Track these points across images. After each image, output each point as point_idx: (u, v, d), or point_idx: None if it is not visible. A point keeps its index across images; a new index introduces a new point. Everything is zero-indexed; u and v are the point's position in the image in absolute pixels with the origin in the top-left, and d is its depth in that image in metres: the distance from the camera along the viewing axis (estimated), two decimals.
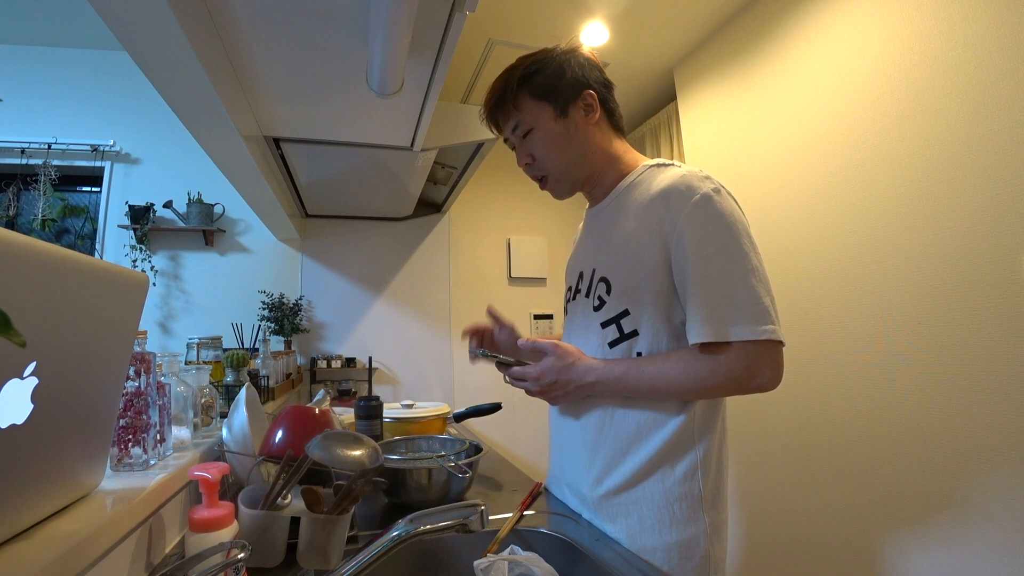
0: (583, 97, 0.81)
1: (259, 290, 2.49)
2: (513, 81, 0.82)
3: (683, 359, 0.70)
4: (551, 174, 0.85)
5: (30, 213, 2.28)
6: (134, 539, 0.58)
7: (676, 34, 2.07)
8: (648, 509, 0.73)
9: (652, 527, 0.73)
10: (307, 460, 0.63)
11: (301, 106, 1.38)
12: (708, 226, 0.69)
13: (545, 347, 0.79)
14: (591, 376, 0.76)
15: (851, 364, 1.45)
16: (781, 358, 0.69)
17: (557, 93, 0.80)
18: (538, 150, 0.83)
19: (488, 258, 2.97)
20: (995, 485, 1.11)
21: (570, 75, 0.81)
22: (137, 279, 0.57)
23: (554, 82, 0.81)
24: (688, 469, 0.73)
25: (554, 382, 0.78)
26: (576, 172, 0.84)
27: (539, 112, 0.81)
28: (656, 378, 0.71)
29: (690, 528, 0.72)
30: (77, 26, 2.33)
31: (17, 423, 0.41)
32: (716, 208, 0.70)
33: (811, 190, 1.61)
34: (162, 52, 0.93)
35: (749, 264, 0.69)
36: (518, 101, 0.82)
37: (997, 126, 1.13)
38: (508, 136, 0.87)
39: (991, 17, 1.14)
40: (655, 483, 0.73)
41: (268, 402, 1.62)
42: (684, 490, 0.73)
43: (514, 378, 0.82)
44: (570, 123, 0.81)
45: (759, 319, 0.66)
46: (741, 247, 0.69)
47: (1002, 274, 1.11)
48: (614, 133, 0.86)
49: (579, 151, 0.82)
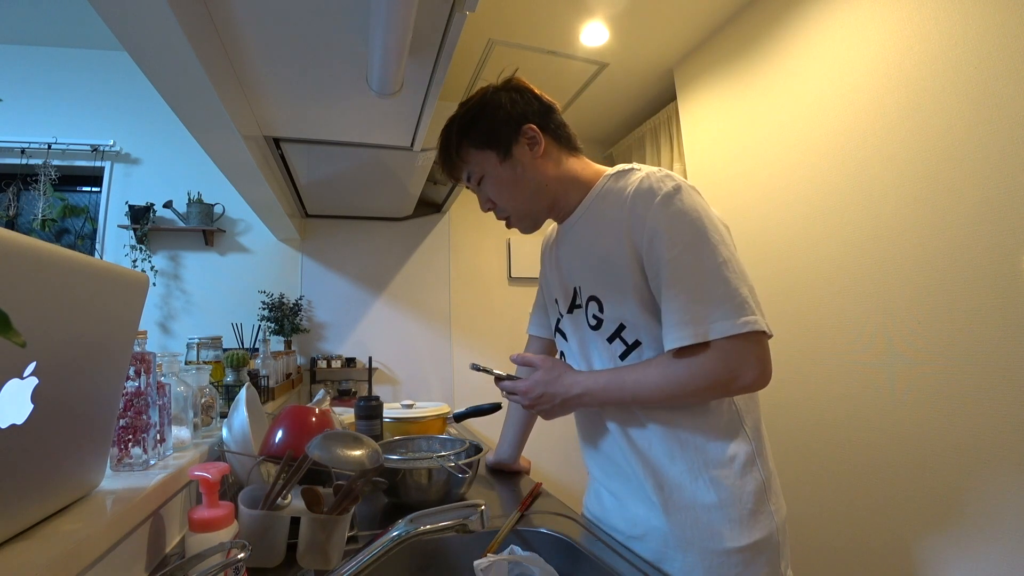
0: (523, 133, 0.79)
1: (259, 290, 2.49)
2: (452, 135, 0.82)
3: (661, 365, 0.69)
4: (512, 214, 0.85)
5: (30, 213, 2.28)
6: (134, 539, 0.58)
7: (676, 34, 2.07)
8: (719, 511, 0.70)
9: (722, 530, 0.69)
10: (307, 460, 0.63)
11: (301, 106, 1.38)
12: (673, 226, 0.68)
13: (534, 361, 0.81)
14: (577, 388, 0.76)
15: (851, 364, 1.45)
16: (766, 352, 0.66)
17: (496, 137, 0.79)
18: (493, 194, 0.83)
19: (488, 258, 2.97)
20: (996, 485, 1.11)
21: (503, 116, 0.79)
22: (137, 279, 0.57)
23: (491, 127, 0.80)
24: (746, 459, 0.71)
25: (542, 395, 0.78)
26: (535, 207, 0.84)
27: (484, 160, 0.81)
28: (637, 386, 0.71)
29: (761, 523, 0.70)
30: (77, 26, 2.33)
31: (17, 423, 0.41)
32: (677, 206, 0.69)
33: (811, 190, 1.61)
34: (162, 52, 0.93)
35: (719, 257, 0.66)
36: (462, 153, 0.82)
37: (997, 126, 1.13)
38: (467, 184, 0.87)
39: (991, 17, 1.14)
40: (720, 485, 0.70)
41: (268, 402, 1.62)
42: (747, 482, 0.70)
43: (506, 391, 0.84)
44: (516, 163, 0.80)
45: (737, 311, 0.64)
46: (708, 241, 0.67)
47: (1002, 274, 1.11)
48: (566, 154, 0.83)
49: (532, 187, 0.81)
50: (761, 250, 1.78)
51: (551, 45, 2.08)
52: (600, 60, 2.22)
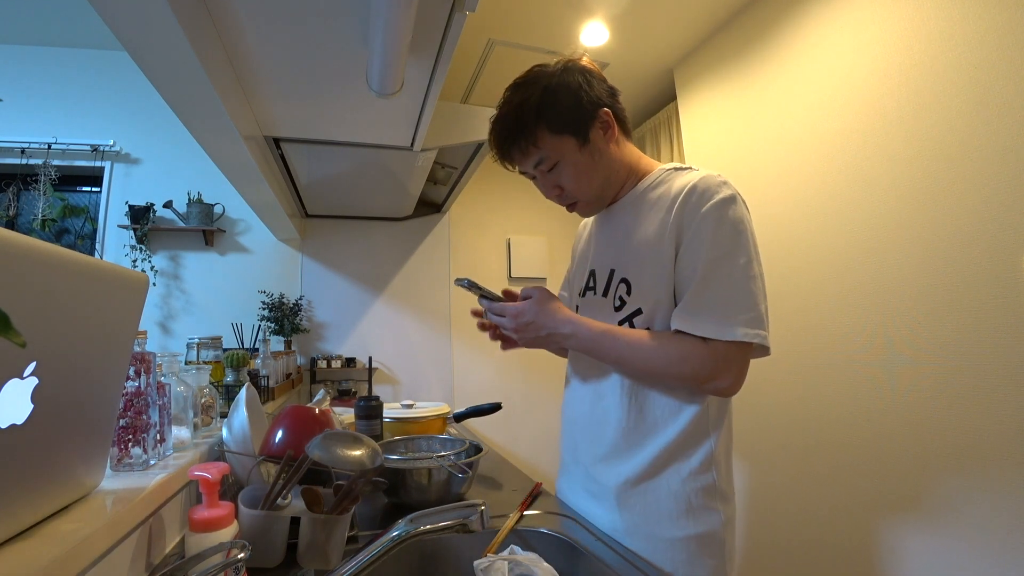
0: (599, 117, 0.78)
1: (259, 290, 2.49)
2: (528, 118, 0.77)
3: (661, 340, 0.72)
4: (582, 199, 0.83)
5: (30, 213, 2.28)
6: (134, 539, 0.58)
7: (676, 34, 2.07)
8: (666, 499, 0.74)
9: (670, 518, 0.74)
10: (307, 460, 0.63)
11: (301, 106, 1.38)
12: (720, 229, 0.71)
13: (532, 291, 0.82)
14: (567, 327, 0.77)
15: (851, 364, 1.45)
16: (747, 365, 0.71)
17: (576, 123, 0.77)
18: (566, 181, 0.81)
19: (488, 258, 2.97)
20: (996, 485, 1.11)
21: (585, 100, 0.77)
22: (137, 279, 0.57)
23: (572, 112, 0.77)
24: (704, 460, 0.74)
25: (530, 322, 0.79)
26: (607, 192, 0.84)
27: (562, 146, 0.78)
28: (627, 349, 0.74)
29: (707, 518, 0.73)
30: (77, 26, 2.33)
31: (17, 423, 0.41)
32: (731, 214, 0.72)
33: (811, 190, 1.61)
34: (162, 52, 0.93)
35: (752, 271, 0.71)
36: (537, 138, 0.77)
37: (997, 126, 1.13)
38: (527, 171, 0.83)
39: (991, 17, 1.14)
40: (672, 474, 0.74)
41: (268, 402, 1.62)
42: (700, 482, 0.74)
43: (493, 312, 0.84)
44: (594, 149, 0.79)
45: (755, 323, 0.69)
46: (747, 254, 0.71)
47: (1002, 274, 1.11)
48: (627, 140, 0.84)
49: (606, 172, 0.81)
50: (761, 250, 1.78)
51: (551, 45, 2.08)
52: (600, 60, 2.22)
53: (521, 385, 2.88)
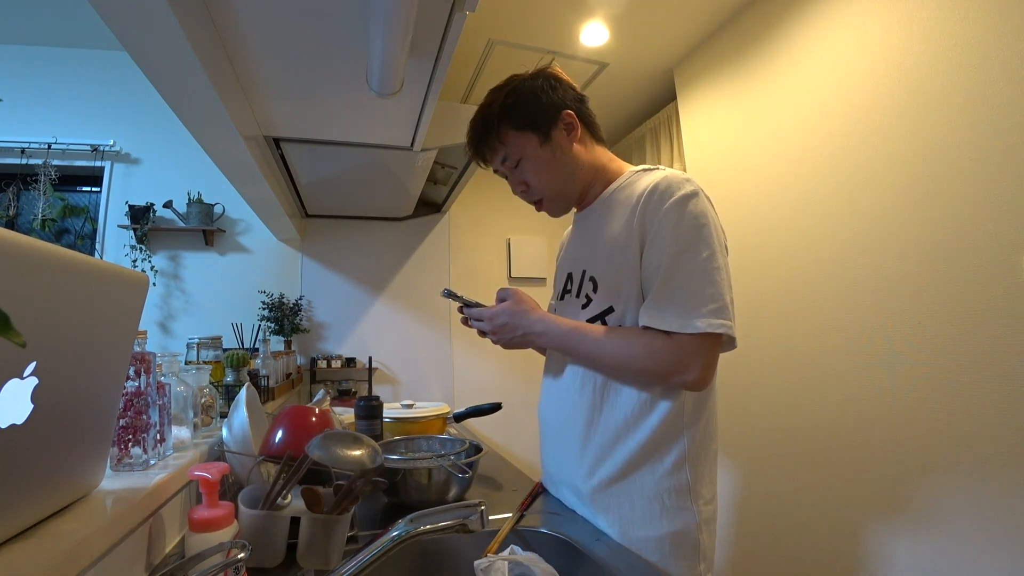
0: (562, 118, 0.84)
1: (259, 290, 2.49)
2: (493, 117, 0.84)
3: (626, 335, 0.74)
4: (545, 196, 0.88)
5: (30, 213, 2.28)
6: (134, 539, 0.58)
7: (676, 34, 2.07)
8: (639, 500, 0.75)
9: (644, 518, 0.75)
10: (307, 460, 0.63)
11: (301, 106, 1.38)
12: (682, 225, 0.73)
13: (507, 294, 0.86)
14: (539, 326, 0.81)
15: (851, 364, 1.45)
16: (715, 358, 0.72)
17: (537, 120, 0.83)
18: (530, 177, 0.86)
19: (488, 258, 2.97)
20: (996, 485, 1.11)
21: (545, 100, 0.83)
22: (137, 279, 0.57)
23: (532, 110, 0.83)
24: (677, 459, 0.75)
25: (505, 324, 0.83)
26: (568, 190, 0.88)
27: (524, 142, 0.84)
28: (594, 346, 0.76)
29: (680, 518, 0.74)
30: (77, 26, 2.33)
31: (17, 423, 0.41)
32: (691, 209, 0.73)
33: (811, 190, 1.61)
34: (162, 52, 0.93)
35: (715, 262, 0.72)
36: (501, 135, 0.84)
37: (997, 126, 1.13)
38: (498, 168, 0.90)
39: (991, 17, 1.14)
40: (645, 474, 0.75)
41: (268, 402, 1.62)
42: (674, 481, 0.74)
43: (471, 318, 0.89)
44: (555, 146, 0.84)
45: (718, 314, 0.70)
46: (710, 246, 0.72)
47: (1002, 274, 1.11)
48: (596, 144, 0.89)
49: (568, 170, 0.85)
50: (761, 250, 1.78)
51: (551, 45, 2.08)
52: (600, 60, 2.22)
53: (521, 385, 2.88)
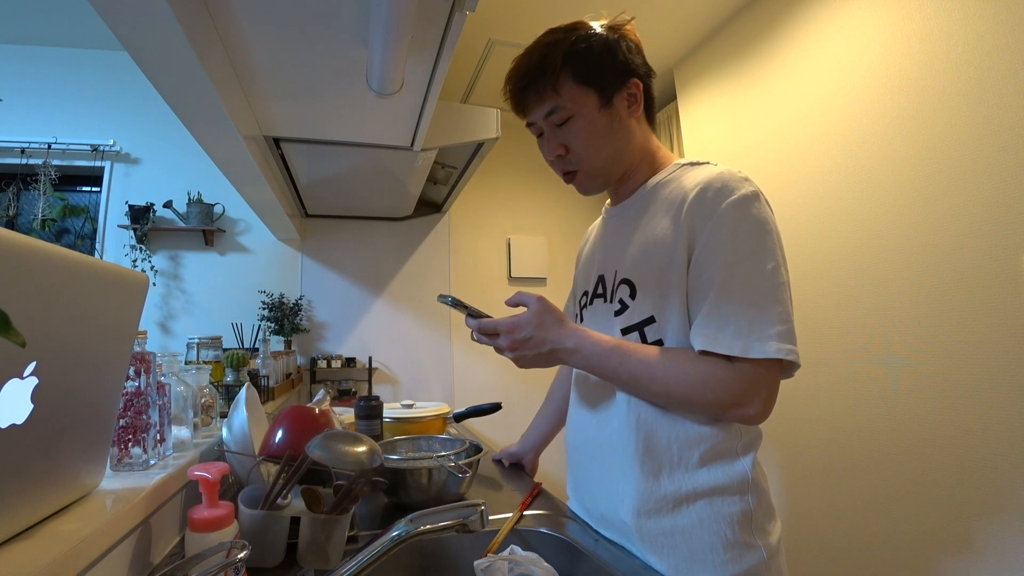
0: (629, 86, 0.72)
1: (259, 290, 2.49)
2: (555, 59, 0.70)
3: (679, 359, 0.63)
4: (584, 168, 0.75)
5: (30, 213, 2.28)
6: (134, 539, 0.58)
7: (676, 34, 2.07)
8: (698, 536, 0.63)
9: (705, 557, 0.63)
10: (307, 460, 0.63)
11: (301, 106, 1.38)
12: (741, 230, 0.62)
13: (528, 299, 0.69)
14: (571, 342, 0.66)
15: (851, 364, 1.45)
16: (777, 390, 0.62)
17: (604, 79, 0.70)
18: (575, 141, 0.72)
19: (488, 258, 2.97)
20: (996, 485, 1.11)
21: (620, 59, 0.71)
22: (137, 279, 0.57)
23: (602, 66, 0.70)
24: (738, 487, 0.64)
25: (529, 338, 0.67)
26: (612, 169, 0.75)
27: (582, 99, 0.70)
28: (640, 368, 0.64)
29: (747, 557, 0.62)
30: (77, 26, 2.33)
31: (17, 423, 0.41)
32: (753, 212, 0.63)
33: (811, 190, 1.61)
34: (162, 52, 0.93)
35: (780, 277, 0.62)
36: (559, 83, 0.70)
37: (997, 126, 1.13)
38: (537, 121, 0.75)
39: (991, 17, 1.14)
40: (703, 506, 0.64)
41: (268, 402, 1.62)
42: (737, 511, 0.63)
43: (484, 332, 0.70)
44: (614, 114, 0.71)
45: (785, 337, 0.59)
46: (774, 258, 0.62)
47: (1002, 274, 1.11)
48: (650, 128, 0.78)
49: (619, 146, 0.73)
50: None
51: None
52: None
53: (521, 385, 2.88)
